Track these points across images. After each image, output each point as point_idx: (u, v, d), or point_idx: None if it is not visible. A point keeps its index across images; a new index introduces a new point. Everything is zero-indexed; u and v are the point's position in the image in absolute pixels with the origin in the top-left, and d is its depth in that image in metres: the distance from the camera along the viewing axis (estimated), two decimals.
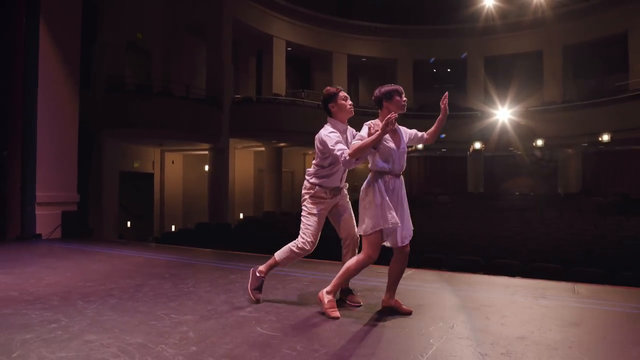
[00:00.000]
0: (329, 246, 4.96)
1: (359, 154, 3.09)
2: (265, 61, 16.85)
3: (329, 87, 3.58)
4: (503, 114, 16.76)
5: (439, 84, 20.97)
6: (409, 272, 4.85)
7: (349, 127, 3.53)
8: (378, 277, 4.37)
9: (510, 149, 18.08)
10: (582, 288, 4.37)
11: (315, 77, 19.63)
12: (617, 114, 14.62)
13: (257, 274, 3.57)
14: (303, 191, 3.54)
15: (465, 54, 18.57)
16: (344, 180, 3.56)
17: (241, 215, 17.02)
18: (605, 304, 3.69)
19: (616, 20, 15.76)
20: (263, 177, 17.18)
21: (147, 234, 13.62)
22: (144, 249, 6.97)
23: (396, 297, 3.31)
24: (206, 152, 14.07)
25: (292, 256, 3.49)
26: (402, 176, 3.24)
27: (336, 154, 3.23)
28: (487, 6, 17.82)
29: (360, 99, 21.13)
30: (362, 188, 3.20)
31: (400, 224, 3.10)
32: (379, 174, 3.14)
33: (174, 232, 12.97)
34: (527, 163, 18.16)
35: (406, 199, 3.22)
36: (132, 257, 6.01)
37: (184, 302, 3.53)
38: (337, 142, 3.27)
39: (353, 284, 3.68)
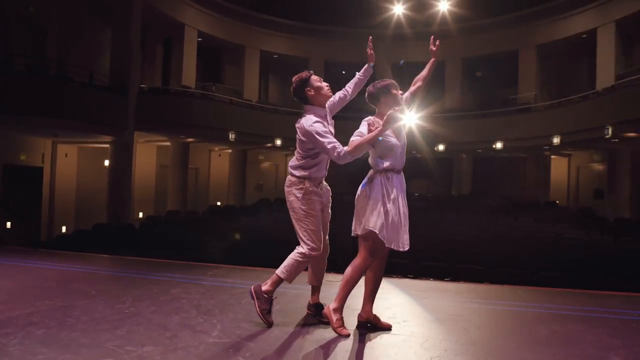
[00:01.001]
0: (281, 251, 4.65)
1: (357, 151, 2.90)
2: (174, 50, 15.73)
3: (298, 74, 3.29)
4: (410, 119, 17.54)
5: None
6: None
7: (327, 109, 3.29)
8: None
9: (413, 152, 19.00)
10: (523, 291, 4.60)
11: (226, 71, 18.85)
12: (507, 124, 16.06)
13: (266, 295, 3.14)
14: (290, 188, 3.18)
15: (402, 61, 19.15)
16: (327, 167, 3.30)
17: (140, 215, 15.79)
18: (556, 307, 3.87)
19: (509, 39, 17.31)
20: (166, 173, 16.09)
21: (33, 236, 12.00)
22: (47, 257, 6.01)
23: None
24: (107, 145, 12.74)
25: (298, 268, 3.15)
26: (402, 172, 3.08)
27: (327, 147, 2.98)
28: (396, 14, 18.52)
29: (270, 97, 20.80)
30: (362, 186, 3.04)
31: (389, 228, 2.89)
32: (382, 171, 2.99)
33: (68, 234, 11.54)
34: (429, 166, 19.22)
35: (405, 196, 3.03)
36: (37, 268, 5.13)
37: (133, 328, 3.01)
38: (325, 133, 3.03)
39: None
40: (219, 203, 18.48)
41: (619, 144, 13.22)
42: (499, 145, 15.83)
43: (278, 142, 16.24)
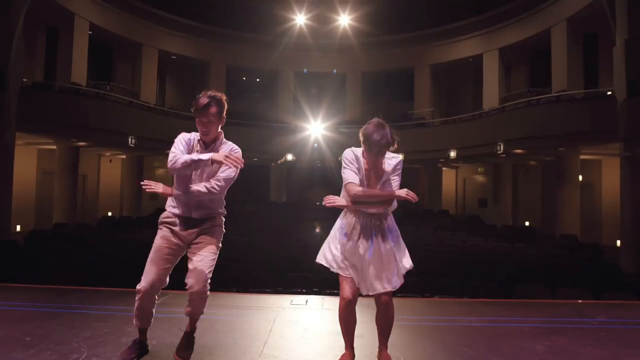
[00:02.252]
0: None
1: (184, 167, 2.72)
2: (61, 42, 13.90)
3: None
4: (315, 129, 17.73)
5: (248, 93, 21.06)
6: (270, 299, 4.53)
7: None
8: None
9: (317, 162, 19.23)
10: (484, 305, 4.78)
11: (118, 70, 17.22)
12: (407, 137, 17.03)
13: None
14: None
15: (335, 71, 19.11)
16: (198, 208, 2.83)
17: (18, 228, 13.73)
18: (528, 320, 4.07)
19: (405, 57, 18.45)
20: (50, 181, 14.19)
21: None
22: None
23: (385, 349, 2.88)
24: None
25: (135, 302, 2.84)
26: (383, 215, 2.83)
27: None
28: (299, 24, 18.65)
29: (167, 100, 19.53)
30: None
31: (347, 267, 2.77)
32: (347, 208, 2.86)
33: None
34: (332, 175, 19.57)
35: (388, 241, 2.79)
36: None
37: None
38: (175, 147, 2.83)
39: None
40: (110, 213, 16.82)
41: (504, 159, 14.77)
42: (400, 157, 16.65)
43: None
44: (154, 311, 2.95)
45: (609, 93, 11.85)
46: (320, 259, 2.88)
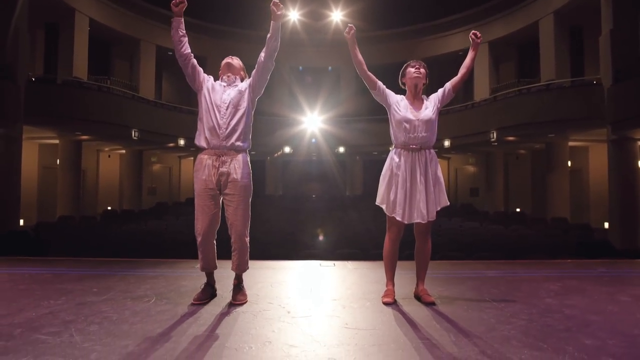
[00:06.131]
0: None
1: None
2: (62, 37, 14.05)
3: None
4: (311, 122, 18.09)
5: None
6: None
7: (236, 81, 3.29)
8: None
9: (313, 156, 19.59)
10: (488, 264, 5.21)
11: (116, 66, 17.40)
12: None
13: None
14: None
15: (330, 68, 19.40)
16: (229, 133, 3.06)
17: (21, 222, 13.85)
18: (533, 272, 4.51)
19: (398, 51, 18.90)
20: (53, 175, 14.33)
21: None
22: None
23: (423, 287, 3.24)
24: None
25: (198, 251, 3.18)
26: (427, 151, 3.18)
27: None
28: (292, 20, 19.00)
29: (164, 95, 19.73)
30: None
31: (400, 203, 3.04)
32: (394, 146, 3.23)
33: None
34: (329, 168, 19.96)
35: (430, 174, 3.12)
36: None
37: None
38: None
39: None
40: (109, 208, 16.98)
41: (496, 147, 15.31)
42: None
43: (182, 142, 15.53)
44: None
45: (595, 82, 12.44)
46: (378, 201, 3.20)
